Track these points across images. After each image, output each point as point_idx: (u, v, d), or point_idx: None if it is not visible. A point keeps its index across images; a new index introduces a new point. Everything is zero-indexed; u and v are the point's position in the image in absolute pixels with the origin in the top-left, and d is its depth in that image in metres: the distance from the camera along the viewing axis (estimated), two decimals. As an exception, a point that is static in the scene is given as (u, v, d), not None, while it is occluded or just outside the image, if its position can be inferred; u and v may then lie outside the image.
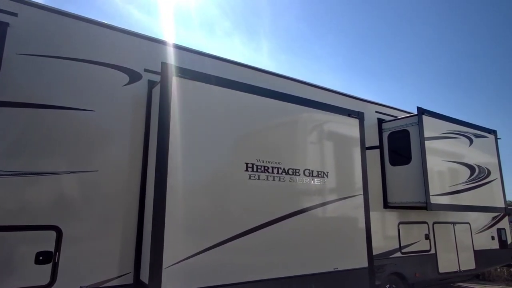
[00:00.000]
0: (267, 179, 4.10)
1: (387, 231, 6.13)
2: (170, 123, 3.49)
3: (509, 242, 8.51)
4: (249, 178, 3.96)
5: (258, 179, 4.03)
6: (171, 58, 4.25)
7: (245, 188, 3.92)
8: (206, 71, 3.96)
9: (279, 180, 4.20)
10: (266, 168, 4.11)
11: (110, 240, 3.56)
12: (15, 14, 3.35)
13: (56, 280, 3.19)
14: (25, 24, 3.40)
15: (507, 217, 8.69)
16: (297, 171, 4.38)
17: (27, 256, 3.10)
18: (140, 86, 4.00)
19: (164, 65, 3.58)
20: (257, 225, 3.89)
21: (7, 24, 3.28)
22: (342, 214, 4.77)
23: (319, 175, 4.59)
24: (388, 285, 5.89)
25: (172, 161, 3.44)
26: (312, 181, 4.49)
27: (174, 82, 3.58)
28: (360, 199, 4.99)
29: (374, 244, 5.63)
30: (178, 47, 4.38)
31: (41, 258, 3.15)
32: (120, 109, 3.83)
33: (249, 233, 3.83)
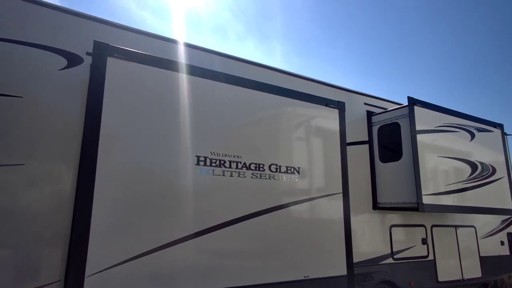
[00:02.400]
0: (223, 175, 3.61)
1: (376, 235, 5.53)
2: (102, 110, 3.06)
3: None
4: (201, 173, 3.49)
5: (212, 174, 3.55)
6: (120, 41, 3.81)
7: (195, 185, 3.44)
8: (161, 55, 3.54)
9: (239, 176, 3.71)
10: (222, 162, 3.63)
11: (38, 243, 3.13)
12: None
13: (-35, 288, 2.79)
14: None
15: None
16: (261, 166, 3.88)
17: None
18: (80, 71, 3.59)
19: (96, 43, 3.15)
20: (209, 226, 3.40)
21: None
22: (316, 215, 4.23)
23: (288, 171, 4.07)
24: (377, 295, 5.29)
25: (106, 153, 3.01)
26: (278, 178, 3.97)
27: (109, 63, 3.15)
28: (338, 199, 4.44)
29: (361, 249, 5.11)
30: (129, 29, 3.96)
31: None
32: (54, 96, 3.42)
33: (200, 235, 3.35)
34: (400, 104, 6.25)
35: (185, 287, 3.22)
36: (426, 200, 5.06)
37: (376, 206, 5.60)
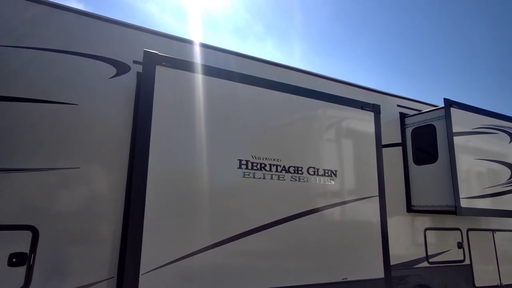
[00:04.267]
0: (264, 178, 3.71)
1: (411, 238, 5.49)
2: (152, 116, 3.22)
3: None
4: (243, 177, 3.60)
5: (253, 177, 3.65)
6: (164, 48, 3.97)
7: (237, 188, 3.56)
8: (198, 60, 3.68)
9: (278, 179, 3.79)
10: (263, 165, 3.72)
11: (92, 242, 3.33)
12: (-8, 5, 3.24)
13: (30, 283, 3.00)
14: (2, 15, 3.27)
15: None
16: (299, 169, 3.95)
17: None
18: (128, 79, 3.77)
19: (146, 53, 3.31)
20: (250, 229, 3.51)
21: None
22: (353, 218, 4.25)
23: (326, 174, 4.12)
24: (413, 299, 5.24)
25: (156, 158, 3.17)
26: (317, 181, 4.03)
27: (158, 71, 3.31)
28: (375, 201, 4.44)
29: (395, 252, 5.06)
30: (171, 37, 4.13)
31: (14, 260, 2.97)
32: (106, 103, 3.62)
33: (241, 237, 3.45)
34: (433, 105, 6.17)
35: (228, 287, 3.33)
36: (463, 203, 4.98)
37: (410, 209, 5.55)
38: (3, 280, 2.93)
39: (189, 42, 4.23)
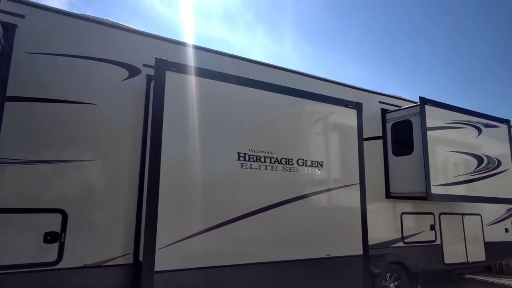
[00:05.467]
0: (259, 168, 4.28)
1: (388, 221, 6.17)
2: (164, 115, 3.73)
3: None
4: (241, 167, 4.16)
5: (250, 168, 4.21)
6: (170, 53, 4.45)
7: (236, 176, 4.12)
8: (204, 65, 4.19)
9: (272, 169, 4.37)
10: (258, 157, 4.28)
11: (111, 223, 3.88)
12: (22, 16, 3.67)
13: (62, 258, 3.54)
14: (31, 25, 3.71)
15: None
16: (290, 160, 4.52)
17: (36, 236, 3.47)
18: (139, 81, 4.26)
19: (157, 60, 3.80)
20: (246, 212, 4.09)
21: (15, 26, 3.60)
22: (337, 202, 4.88)
23: (313, 165, 4.71)
24: (389, 274, 5.94)
25: (167, 152, 3.69)
26: (305, 171, 4.62)
27: (168, 76, 3.81)
28: (356, 189, 5.06)
29: (374, 234, 5.72)
30: (176, 42, 4.60)
31: (48, 238, 3.50)
32: (120, 102, 4.11)
33: (241, 219, 4.03)
34: (413, 102, 6.79)
35: (232, 260, 3.93)
36: (434, 190, 5.65)
37: (388, 195, 6.21)
38: (41, 255, 3.47)
39: (196, 47, 4.72)
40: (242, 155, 4.18)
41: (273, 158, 4.40)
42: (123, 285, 3.83)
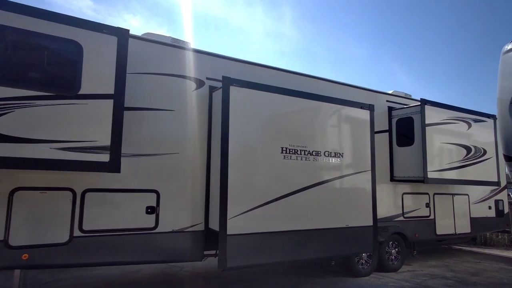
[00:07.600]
0: (297, 159, 5.56)
1: (392, 200, 7.53)
2: (229, 120, 4.96)
3: (506, 212, 9.72)
4: (284, 158, 5.44)
5: (290, 159, 5.49)
6: (226, 68, 5.62)
7: (280, 165, 5.40)
8: (257, 79, 5.43)
9: (305, 160, 5.65)
10: (295, 150, 5.56)
11: (189, 200, 5.20)
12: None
13: (158, 225, 4.87)
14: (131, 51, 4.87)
15: (506, 190, 9.83)
16: (318, 152, 5.80)
17: (140, 209, 4.78)
18: (204, 91, 5.47)
19: (225, 78, 5.01)
20: (287, 192, 5.41)
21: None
22: (353, 185, 6.21)
23: (336, 155, 6.00)
24: (391, 242, 7.37)
25: (232, 147, 4.96)
26: (330, 160, 5.91)
27: (231, 89, 5.02)
28: (368, 174, 6.38)
29: (380, 210, 7.06)
30: (231, 59, 5.79)
31: (149, 210, 4.82)
32: (191, 108, 5.34)
33: (284, 198, 5.36)
34: (415, 100, 8.03)
35: (279, 227, 5.27)
36: (430, 175, 6.99)
37: (392, 178, 7.56)
38: (143, 223, 4.79)
39: (245, 62, 5.92)
40: (284, 149, 5.45)
41: (306, 151, 5.68)
42: (198, 244, 5.19)
